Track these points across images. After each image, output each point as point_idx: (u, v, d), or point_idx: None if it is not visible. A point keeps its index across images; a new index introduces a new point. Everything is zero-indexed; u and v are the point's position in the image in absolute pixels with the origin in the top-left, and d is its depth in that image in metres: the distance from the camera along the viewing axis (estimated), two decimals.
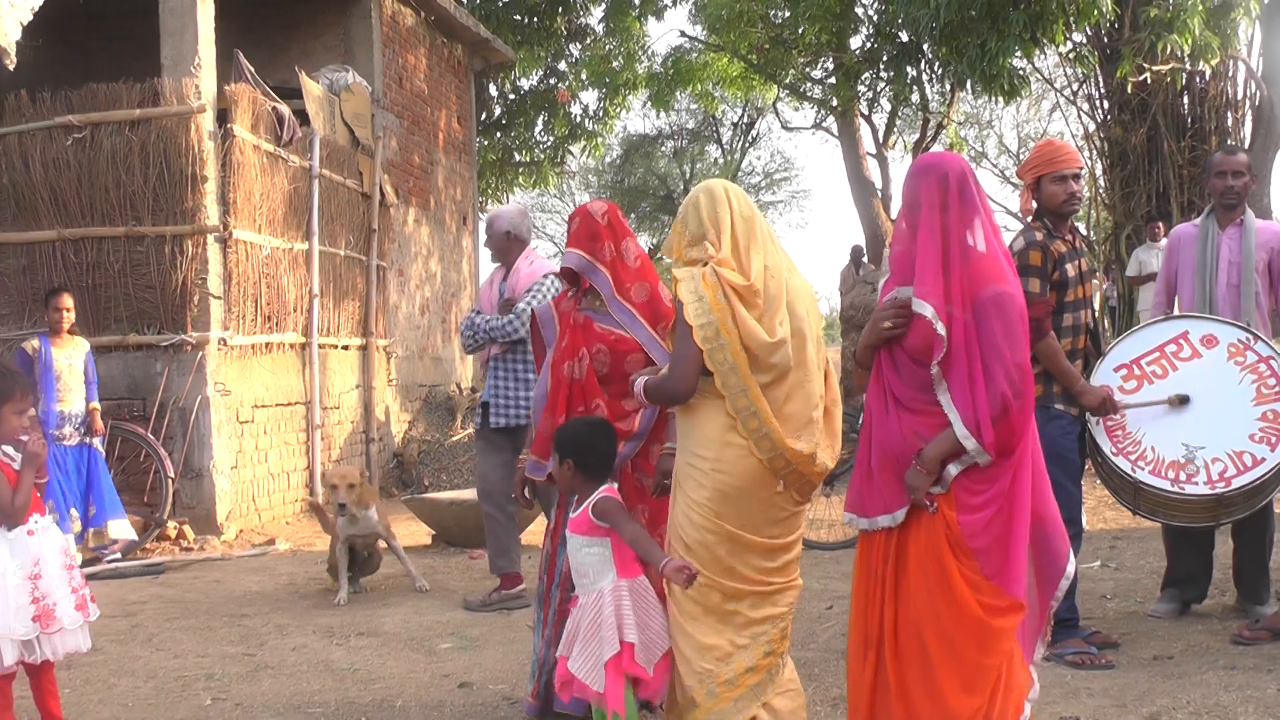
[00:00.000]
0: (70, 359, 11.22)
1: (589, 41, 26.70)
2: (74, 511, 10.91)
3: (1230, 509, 7.05)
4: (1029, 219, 7.20)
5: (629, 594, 5.16)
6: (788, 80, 26.20)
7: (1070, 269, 6.98)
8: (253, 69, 13.74)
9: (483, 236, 9.75)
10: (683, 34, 28.42)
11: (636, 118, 71.24)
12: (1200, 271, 7.76)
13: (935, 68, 20.20)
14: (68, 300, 11.31)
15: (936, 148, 31.17)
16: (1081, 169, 7.14)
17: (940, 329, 4.64)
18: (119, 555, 11.40)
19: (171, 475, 11.98)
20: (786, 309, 5.11)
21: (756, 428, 5.00)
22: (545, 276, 8.79)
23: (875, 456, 4.90)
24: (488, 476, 9.15)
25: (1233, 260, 7.70)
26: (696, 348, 4.97)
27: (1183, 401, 6.89)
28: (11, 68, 10.79)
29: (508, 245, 9.08)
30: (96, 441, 11.36)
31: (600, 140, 28.61)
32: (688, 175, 46.85)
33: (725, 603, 5.09)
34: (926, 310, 4.67)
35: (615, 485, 5.36)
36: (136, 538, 11.55)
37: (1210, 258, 7.74)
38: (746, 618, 5.10)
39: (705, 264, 5.11)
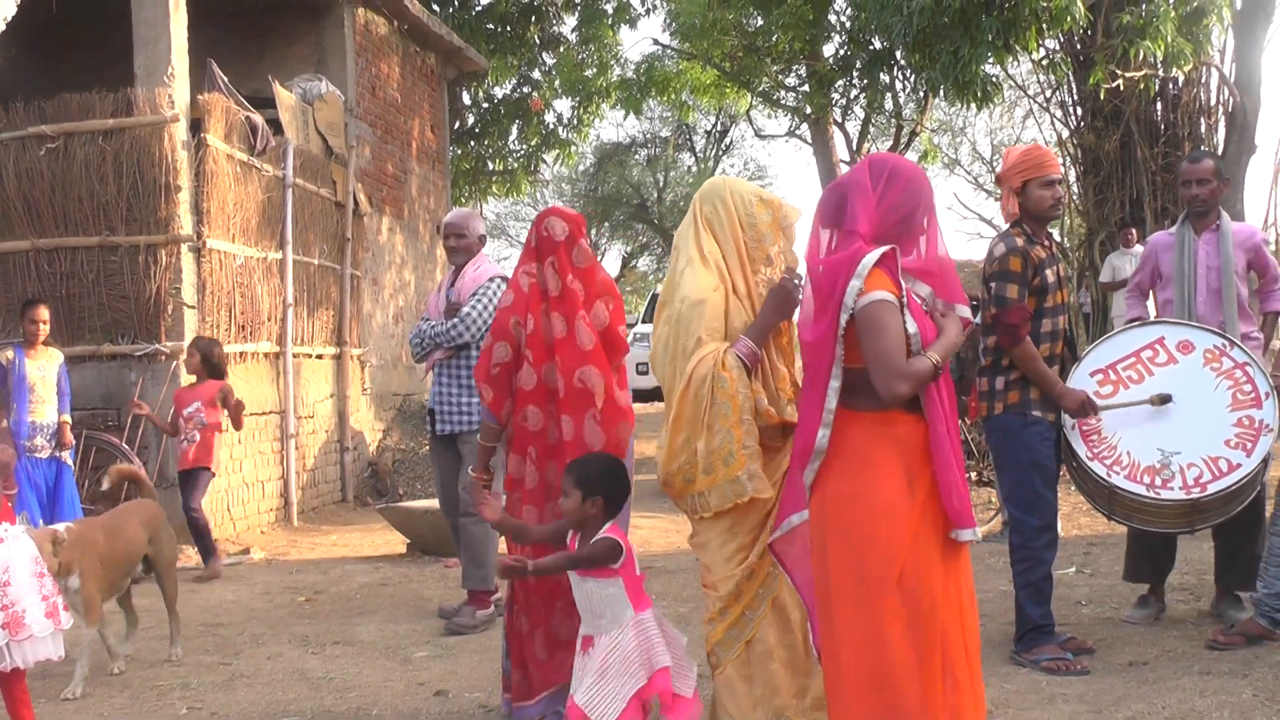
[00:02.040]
0: (44, 370, 11.17)
1: (562, 50, 26.68)
2: (41, 523, 10.86)
3: (1205, 514, 7.07)
4: (1008, 225, 7.23)
5: (650, 624, 5.22)
6: (761, 88, 26.26)
7: (1050, 274, 7.02)
8: (226, 78, 13.71)
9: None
10: (656, 42, 28.48)
11: (610, 126, 71.22)
12: (1179, 278, 7.81)
13: (908, 75, 20.30)
14: (43, 312, 11.27)
15: (910, 155, 31.30)
16: (1062, 174, 7.19)
17: None
18: None
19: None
20: None
21: None
22: (491, 280, 8.69)
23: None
24: (446, 486, 9.05)
25: (1211, 265, 7.75)
26: None
27: (1164, 400, 6.91)
28: None
29: (474, 247, 9.00)
30: (65, 455, 11.32)
31: (574, 149, 28.58)
32: (661, 183, 46.93)
33: None
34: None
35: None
36: None
37: (1188, 264, 7.79)
38: None
39: None
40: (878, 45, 19.71)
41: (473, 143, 26.42)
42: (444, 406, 8.84)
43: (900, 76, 21.32)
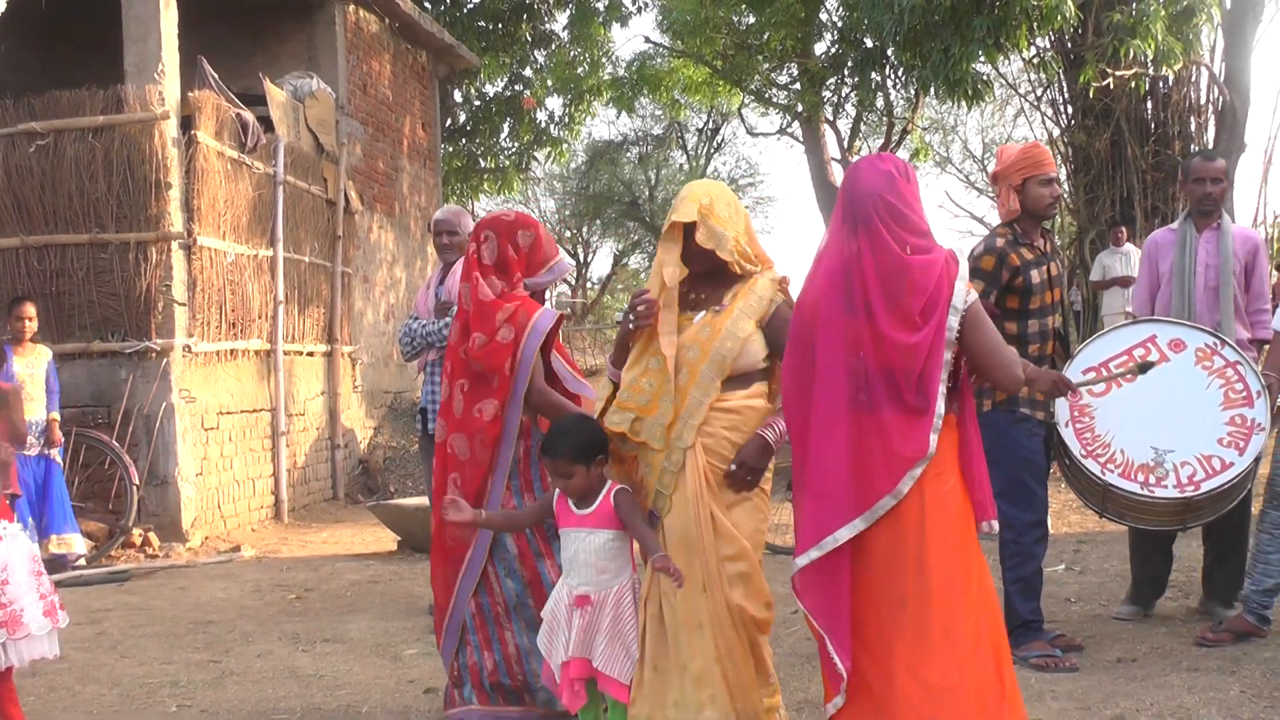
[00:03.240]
0: (32, 368, 11.17)
1: (554, 48, 26.65)
2: (30, 522, 10.85)
3: (1198, 513, 7.10)
4: (1002, 223, 7.24)
5: (630, 592, 5.22)
6: (753, 86, 26.24)
7: (1036, 275, 7.02)
8: (217, 75, 13.70)
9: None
10: (648, 40, 28.45)
11: (602, 124, 71.20)
12: (1179, 275, 7.83)
13: (899, 73, 20.26)
14: (30, 309, 11.27)
15: (902, 153, 31.32)
16: (1057, 173, 7.20)
17: None
18: (83, 562, 11.36)
19: (136, 482, 11.92)
20: None
21: None
22: None
23: None
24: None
25: (1210, 263, 7.78)
26: None
27: (1145, 369, 6.88)
28: None
29: (466, 245, 8.94)
30: (54, 453, 11.31)
31: (565, 146, 28.56)
32: (653, 181, 46.88)
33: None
34: None
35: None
36: (84, 552, 11.48)
37: (1189, 261, 7.81)
38: None
39: (763, 272, 5.37)
40: (869, 43, 19.67)
41: (464, 140, 26.40)
42: (436, 406, 8.80)
43: (891, 75, 21.28)
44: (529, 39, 26.16)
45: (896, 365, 4.51)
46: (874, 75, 20.69)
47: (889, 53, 18.85)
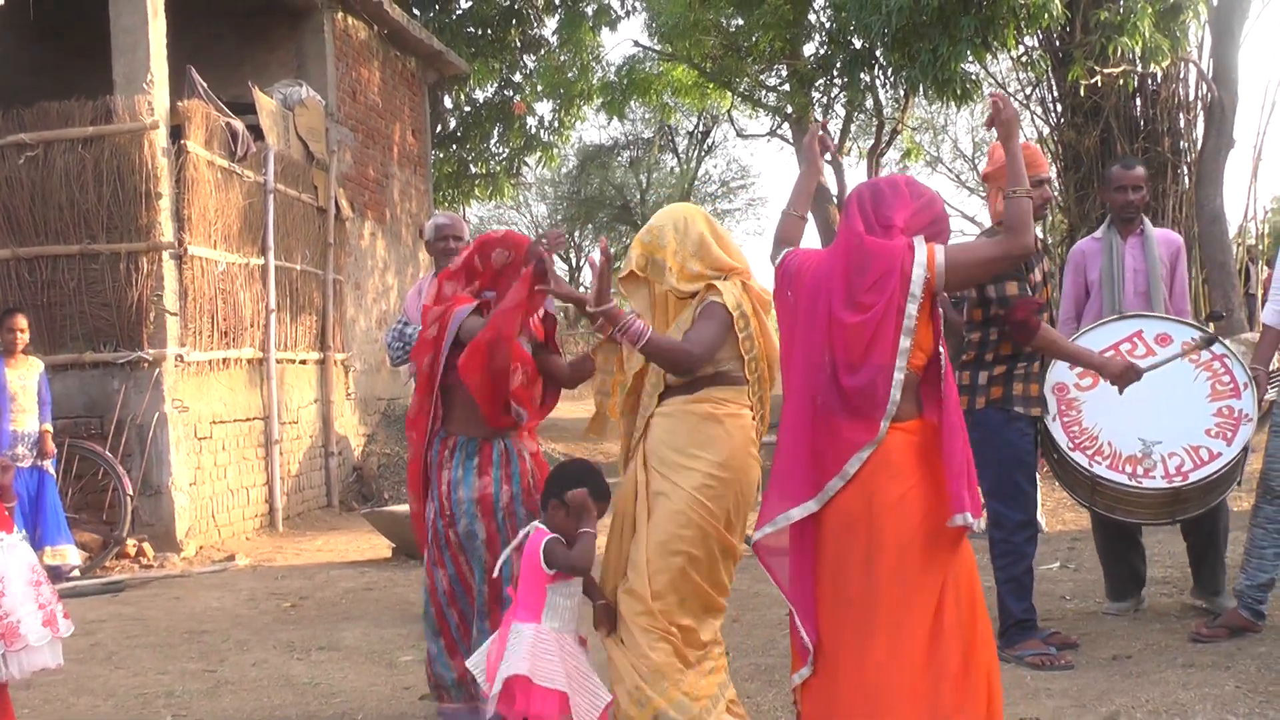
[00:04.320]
0: (24, 379, 11.18)
1: (543, 53, 26.65)
2: (23, 533, 10.81)
3: (1186, 504, 7.11)
4: (994, 224, 7.23)
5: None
6: (742, 88, 26.26)
7: (1038, 272, 7.05)
8: (206, 85, 13.70)
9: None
10: (636, 44, 28.46)
11: (592, 128, 71.14)
12: (1108, 282, 7.90)
13: (888, 73, 20.24)
14: (21, 321, 11.27)
15: (892, 153, 31.38)
16: (1049, 174, 7.21)
17: None
18: (78, 573, 11.35)
19: (130, 493, 11.92)
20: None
21: (763, 433, 5.41)
22: None
23: None
24: None
25: (1138, 269, 7.89)
26: (719, 342, 5.25)
27: (1209, 343, 6.90)
28: None
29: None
30: (47, 464, 11.31)
31: (556, 151, 28.58)
32: (644, 185, 46.85)
33: (702, 616, 5.32)
34: None
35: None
36: (78, 563, 11.47)
37: (1117, 268, 7.89)
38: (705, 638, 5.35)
39: (729, 278, 5.39)
40: (858, 44, 19.69)
41: (454, 146, 26.38)
42: None
43: (880, 75, 21.28)
44: (518, 44, 26.18)
45: (838, 346, 4.65)
46: (863, 76, 20.69)
47: (877, 53, 18.87)
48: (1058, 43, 18.36)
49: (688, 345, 5.19)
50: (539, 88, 26.75)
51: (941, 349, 4.70)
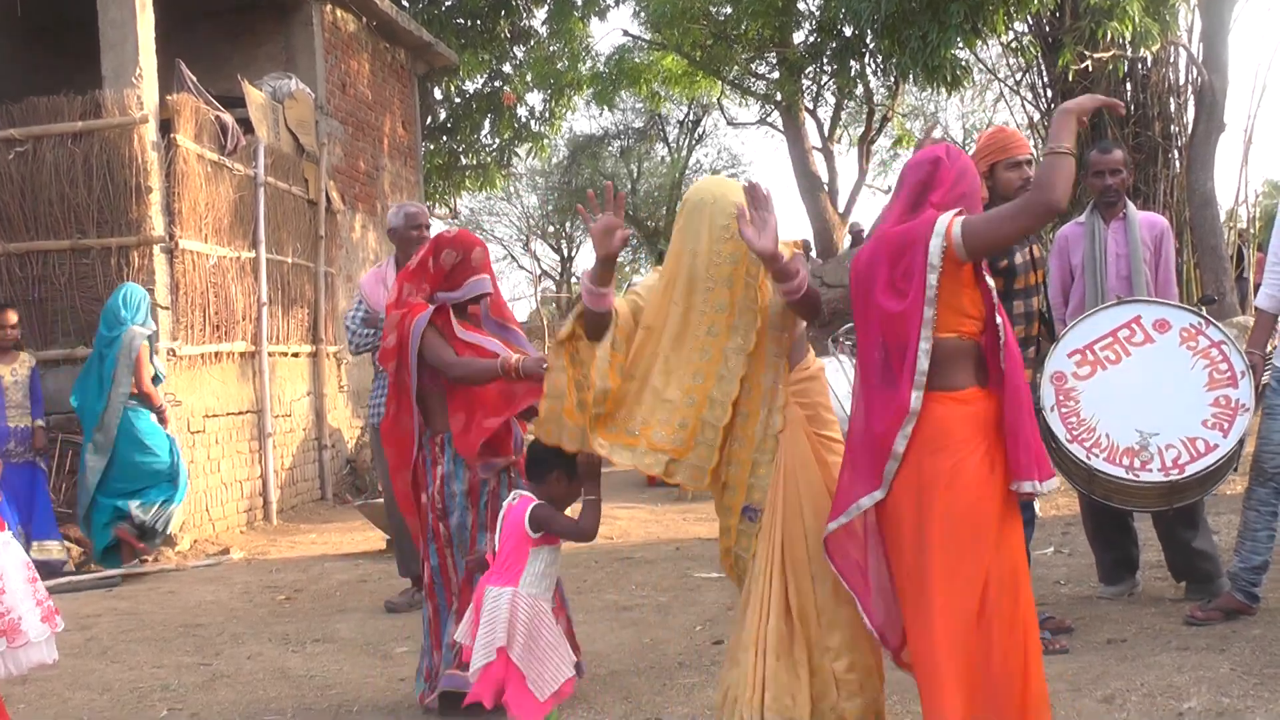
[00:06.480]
0: (15, 375, 11.18)
1: (532, 43, 26.63)
2: (17, 529, 10.83)
3: (1183, 494, 7.09)
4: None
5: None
6: (732, 76, 26.28)
7: (1019, 256, 7.01)
8: (195, 78, 13.67)
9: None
10: (626, 33, 28.45)
11: (582, 118, 71.13)
12: (1090, 267, 7.88)
13: (878, 60, 20.29)
14: (12, 316, 11.27)
15: (883, 140, 31.37)
16: (1033, 156, 7.18)
17: None
18: (72, 567, 11.35)
19: None
20: None
21: None
22: None
23: None
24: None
25: (1120, 253, 7.85)
26: None
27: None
28: None
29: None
30: (40, 459, 11.30)
31: (546, 142, 28.56)
32: (635, 174, 46.77)
33: None
34: None
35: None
36: (63, 559, 11.45)
37: (1099, 252, 7.87)
38: None
39: None
40: (847, 32, 19.70)
41: (445, 138, 26.37)
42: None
43: (870, 62, 21.30)
44: (507, 35, 26.14)
45: (886, 332, 4.70)
46: (853, 63, 20.72)
47: (867, 40, 18.88)
48: (1047, 28, 18.39)
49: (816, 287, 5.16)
50: (529, 78, 26.75)
51: (1000, 317, 4.70)
